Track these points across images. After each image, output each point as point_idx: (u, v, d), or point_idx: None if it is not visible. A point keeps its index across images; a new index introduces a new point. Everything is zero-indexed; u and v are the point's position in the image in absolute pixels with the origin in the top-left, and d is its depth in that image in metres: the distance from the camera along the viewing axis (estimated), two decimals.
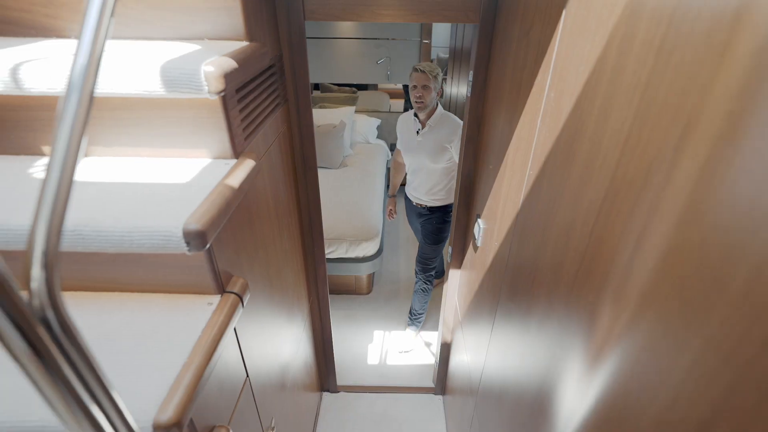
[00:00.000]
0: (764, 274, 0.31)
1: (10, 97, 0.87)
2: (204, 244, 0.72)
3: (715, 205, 0.36)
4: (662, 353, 0.43)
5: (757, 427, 0.31)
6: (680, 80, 0.42)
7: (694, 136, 0.39)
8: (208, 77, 0.76)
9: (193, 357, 0.73)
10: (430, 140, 2.11)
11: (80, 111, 0.42)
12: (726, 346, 0.35)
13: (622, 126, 0.53)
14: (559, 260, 0.73)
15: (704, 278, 0.37)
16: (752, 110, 0.33)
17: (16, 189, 0.81)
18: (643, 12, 0.50)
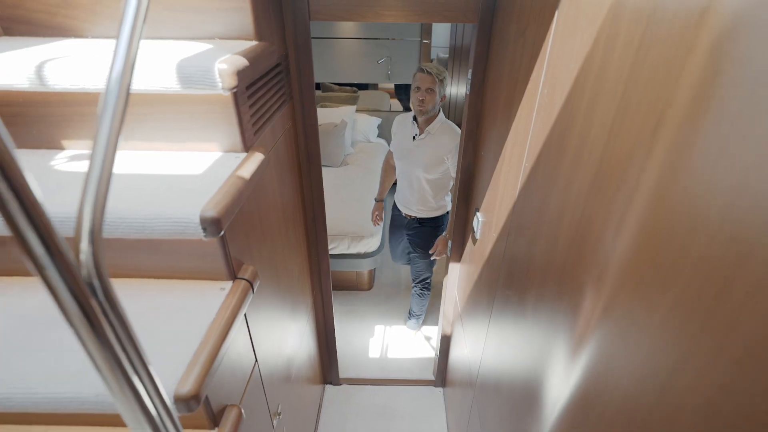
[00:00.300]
0: (717, 240, 0.36)
1: (31, 94, 0.92)
2: (219, 230, 0.77)
3: (681, 182, 0.41)
4: (632, 336, 0.48)
5: (727, 401, 0.36)
6: (656, 74, 0.47)
7: (666, 123, 0.44)
8: (222, 74, 0.81)
9: (209, 337, 0.78)
10: (427, 149, 1.97)
11: (118, 110, 0.47)
12: (685, 310, 0.39)
13: (607, 117, 0.58)
14: (552, 247, 0.78)
15: (673, 249, 0.42)
16: (709, 99, 0.37)
17: (40, 181, 0.86)
18: (624, 13, 0.55)
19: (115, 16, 1.01)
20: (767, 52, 0.32)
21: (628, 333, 0.50)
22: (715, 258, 0.36)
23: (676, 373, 0.41)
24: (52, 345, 0.76)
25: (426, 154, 1.96)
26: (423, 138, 1.96)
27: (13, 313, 0.82)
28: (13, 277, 0.91)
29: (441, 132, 1.95)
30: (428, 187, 2.06)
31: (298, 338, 1.71)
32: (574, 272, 0.67)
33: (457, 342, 2.02)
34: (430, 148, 1.95)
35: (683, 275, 0.40)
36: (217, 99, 0.91)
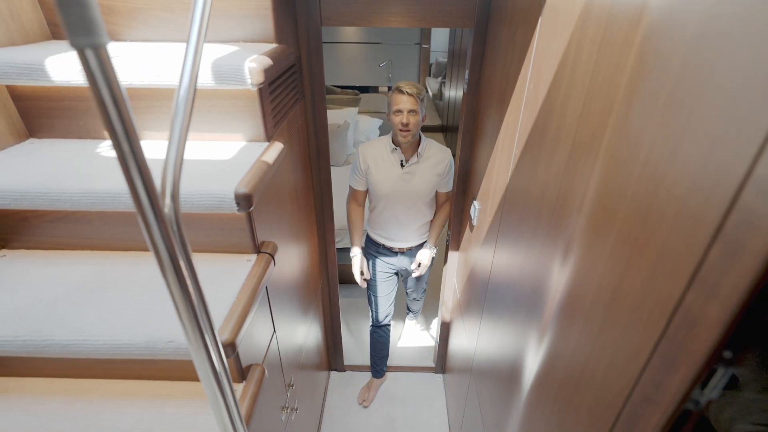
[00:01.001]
0: (640, 188, 0.48)
1: (81, 89, 1.04)
2: (250, 206, 0.89)
3: (620, 151, 0.54)
4: (593, 264, 0.60)
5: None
6: (609, 68, 0.60)
7: (614, 108, 0.57)
8: (251, 72, 0.93)
9: (239, 299, 0.90)
10: (423, 173, 1.79)
11: (187, 106, 0.60)
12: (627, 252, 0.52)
13: (578, 105, 0.71)
14: (536, 220, 0.90)
15: (615, 197, 0.55)
16: (640, 85, 0.50)
17: (92, 165, 0.98)
18: (590, 19, 0.68)
19: (149, 23, 1.14)
20: (675, 47, 0.44)
21: (591, 263, 0.62)
22: (638, 200, 0.49)
23: (621, 287, 0.53)
24: (105, 305, 0.88)
25: (423, 180, 1.80)
26: (415, 163, 1.78)
27: (68, 280, 0.94)
28: (64, 251, 1.03)
29: (432, 152, 1.81)
30: (426, 209, 1.92)
31: (307, 324, 1.82)
32: (555, 234, 0.79)
33: (456, 329, 2.13)
34: (427, 172, 1.79)
35: (621, 214, 0.52)
36: (245, 94, 1.04)
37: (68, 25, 0.37)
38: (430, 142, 1.84)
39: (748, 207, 0.33)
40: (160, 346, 0.81)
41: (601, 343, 0.56)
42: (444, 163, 1.82)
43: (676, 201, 0.42)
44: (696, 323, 0.38)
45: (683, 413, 0.42)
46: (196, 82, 0.61)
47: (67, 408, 0.91)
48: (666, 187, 0.44)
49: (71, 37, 0.38)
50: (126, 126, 0.43)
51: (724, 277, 0.35)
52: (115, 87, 0.41)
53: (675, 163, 0.42)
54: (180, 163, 0.58)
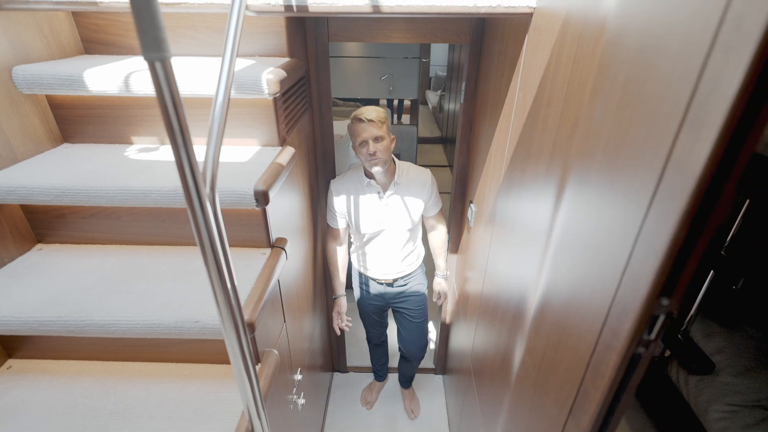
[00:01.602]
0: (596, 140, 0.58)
1: (111, 98, 1.15)
2: (267, 202, 0.99)
3: (588, 143, 0.64)
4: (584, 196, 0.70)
5: None
6: (582, 77, 0.70)
7: (583, 108, 0.67)
8: (269, 83, 1.04)
9: (257, 285, 0.99)
10: (405, 199, 1.67)
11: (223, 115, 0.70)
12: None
13: (558, 109, 0.81)
14: (526, 217, 1.00)
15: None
16: (599, 91, 0.60)
17: (122, 167, 1.08)
18: (566, 37, 0.78)
19: (174, 39, 1.25)
20: (622, 61, 0.55)
21: (582, 196, 0.72)
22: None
23: (588, 277, 0.63)
24: (136, 291, 0.97)
25: (405, 210, 1.67)
26: (393, 192, 1.66)
27: (101, 270, 1.04)
28: (95, 245, 1.13)
29: (411, 177, 1.67)
30: (411, 236, 1.80)
31: (312, 323, 1.91)
32: (539, 234, 0.89)
33: (455, 331, 2.21)
34: (409, 200, 1.67)
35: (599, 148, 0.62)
36: (261, 103, 1.14)
37: (143, 43, 0.48)
38: (406, 166, 1.70)
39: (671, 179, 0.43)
40: (187, 326, 0.90)
41: (572, 317, 0.66)
42: (425, 187, 1.68)
43: (630, 186, 0.52)
44: (639, 277, 0.47)
45: (634, 356, 0.51)
46: (230, 90, 0.71)
47: (99, 385, 1.00)
48: (618, 168, 0.54)
49: (145, 52, 0.49)
50: (181, 123, 0.53)
51: (656, 237, 0.45)
52: (175, 92, 0.51)
53: (625, 149, 0.52)
54: (217, 158, 0.68)
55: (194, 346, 1.06)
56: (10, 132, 1.03)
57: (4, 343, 1.04)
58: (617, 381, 0.54)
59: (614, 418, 0.57)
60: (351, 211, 1.71)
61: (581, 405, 0.62)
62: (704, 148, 0.38)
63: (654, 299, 0.47)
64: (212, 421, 0.93)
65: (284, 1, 0.98)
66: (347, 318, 1.96)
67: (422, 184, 1.69)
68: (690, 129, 0.40)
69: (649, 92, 0.47)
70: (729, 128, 0.36)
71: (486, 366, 1.45)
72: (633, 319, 0.49)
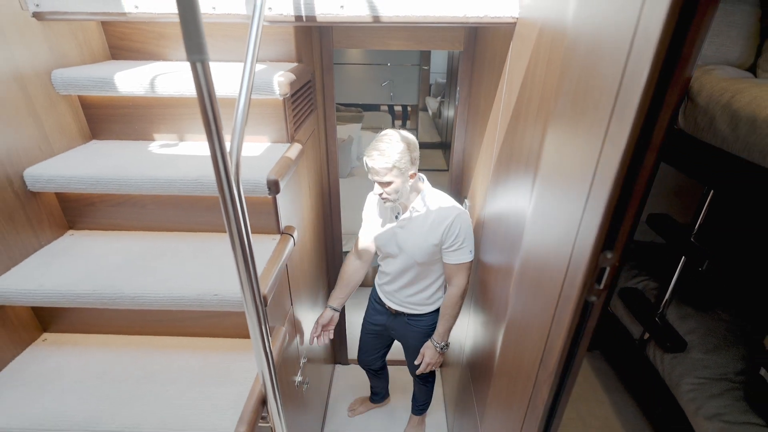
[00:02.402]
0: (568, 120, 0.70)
1: (136, 98, 1.27)
2: (278, 191, 1.11)
3: (555, 131, 0.75)
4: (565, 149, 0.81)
5: None
6: (553, 77, 0.82)
7: (552, 102, 0.79)
8: (280, 84, 1.16)
9: (269, 266, 1.10)
10: (413, 231, 1.54)
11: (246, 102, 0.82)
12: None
13: (535, 106, 0.93)
14: (506, 208, 1.11)
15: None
16: (562, 88, 0.72)
17: (147, 160, 1.20)
18: (542, 44, 0.90)
19: None
20: (575, 61, 0.66)
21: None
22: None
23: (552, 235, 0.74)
24: (161, 269, 1.09)
25: (414, 240, 1.54)
26: (407, 218, 1.55)
27: (128, 252, 1.15)
28: (121, 231, 1.25)
29: (430, 209, 1.52)
30: (428, 277, 1.65)
31: (315, 314, 2.01)
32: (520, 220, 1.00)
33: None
34: (418, 231, 1.53)
35: (562, 171, 0.74)
36: (272, 103, 1.26)
37: (188, 47, 0.60)
38: (437, 197, 1.54)
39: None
40: (207, 299, 1.01)
41: (542, 278, 0.77)
42: (443, 226, 1.48)
43: (582, 164, 0.63)
44: (587, 236, 0.59)
45: (587, 303, 0.63)
46: (251, 90, 0.83)
47: (126, 356, 1.11)
48: (574, 152, 0.65)
49: (189, 54, 0.61)
50: (215, 114, 0.65)
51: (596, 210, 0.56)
52: (211, 88, 0.63)
53: (578, 136, 0.64)
54: (240, 148, 0.80)
55: (212, 320, 1.17)
56: (48, 129, 1.15)
57: (39, 318, 1.15)
58: (574, 326, 0.65)
59: (575, 362, 0.69)
60: (371, 222, 1.69)
61: (549, 353, 0.73)
62: (627, 126, 0.49)
63: (598, 253, 0.58)
64: (229, 384, 1.04)
65: (295, 12, 1.11)
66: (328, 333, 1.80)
67: (441, 221, 1.49)
68: (618, 114, 0.52)
69: (594, 88, 0.59)
70: (642, 112, 0.48)
71: (477, 352, 1.55)
72: (584, 271, 0.60)
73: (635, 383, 2.25)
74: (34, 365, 1.07)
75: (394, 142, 1.39)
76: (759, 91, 1.05)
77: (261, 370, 0.94)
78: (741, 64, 1.43)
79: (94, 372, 1.06)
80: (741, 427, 1.46)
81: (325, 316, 1.77)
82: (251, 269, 0.81)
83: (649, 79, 0.46)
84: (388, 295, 1.77)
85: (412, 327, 1.77)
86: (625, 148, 0.50)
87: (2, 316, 1.03)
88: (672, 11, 0.43)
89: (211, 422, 0.95)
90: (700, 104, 1.18)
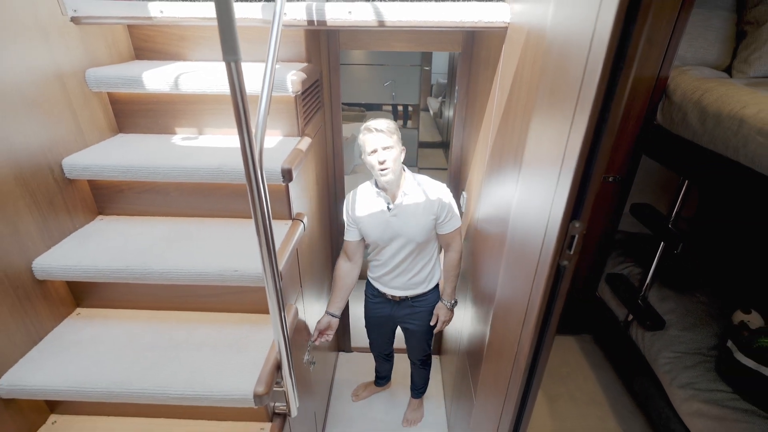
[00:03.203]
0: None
1: (159, 95, 1.39)
2: (291, 178, 1.22)
3: (534, 122, 0.86)
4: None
5: None
6: (536, 74, 0.93)
7: (533, 96, 0.90)
8: (293, 83, 1.28)
9: (282, 247, 1.21)
10: (413, 213, 1.63)
11: (268, 98, 0.93)
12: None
13: (522, 102, 1.04)
14: (506, 187, 1.22)
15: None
16: (540, 83, 0.83)
17: (172, 151, 1.32)
18: (529, 45, 1.02)
19: (210, 47, 1.49)
20: (550, 59, 0.77)
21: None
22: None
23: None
24: (185, 249, 1.20)
25: (413, 222, 1.63)
26: (401, 202, 1.63)
27: (154, 234, 1.27)
28: (146, 217, 1.36)
29: (422, 189, 1.64)
30: (424, 255, 1.75)
31: (321, 303, 2.12)
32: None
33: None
34: (417, 212, 1.63)
35: (540, 155, 0.85)
36: (284, 99, 1.38)
37: (224, 48, 0.72)
38: (419, 178, 1.68)
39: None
40: (228, 274, 1.13)
41: (524, 248, 0.88)
42: (437, 202, 1.62)
43: (555, 146, 0.74)
44: (559, 207, 0.70)
45: (559, 267, 0.74)
46: (272, 86, 0.94)
47: (153, 328, 1.23)
48: (549, 137, 0.76)
49: (224, 55, 0.72)
50: (245, 107, 0.76)
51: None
52: (242, 84, 0.75)
53: (551, 125, 0.75)
54: (263, 139, 0.91)
55: (230, 297, 1.28)
56: (82, 122, 1.27)
57: (74, 293, 1.27)
58: (549, 287, 0.76)
59: (552, 319, 0.80)
60: (362, 220, 1.69)
61: (529, 316, 0.84)
62: (586, 115, 0.61)
63: (567, 222, 0.69)
64: (248, 351, 1.15)
65: (307, 17, 1.22)
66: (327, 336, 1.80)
67: (434, 198, 1.62)
68: (581, 104, 0.63)
69: (563, 83, 0.70)
70: (598, 101, 0.59)
71: (473, 337, 1.66)
72: (556, 238, 0.71)
73: (620, 361, 2.45)
74: (71, 335, 1.18)
75: (388, 119, 1.59)
76: (725, 89, 1.16)
77: (277, 338, 1.05)
78: (718, 66, 1.54)
79: (125, 341, 1.18)
80: (709, 393, 1.61)
81: (323, 322, 1.79)
82: (271, 247, 0.93)
83: (602, 74, 0.57)
84: (388, 285, 1.84)
85: (417, 308, 1.87)
86: (585, 133, 0.62)
87: (44, 290, 1.15)
88: (618, 18, 0.54)
89: (232, 384, 1.07)
90: (675, 101, 1.29)
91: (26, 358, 1.09)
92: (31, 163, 1.08)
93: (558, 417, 2.25)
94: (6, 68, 1.00)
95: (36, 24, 1.10)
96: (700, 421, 1.60)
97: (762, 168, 1.11)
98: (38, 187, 1.11)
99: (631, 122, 1.73)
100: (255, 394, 1.04)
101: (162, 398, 1.05)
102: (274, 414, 1.23)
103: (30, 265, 1.09)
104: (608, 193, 2.07)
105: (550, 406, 2.31)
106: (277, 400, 1.23)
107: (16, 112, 1.03)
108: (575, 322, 2.73)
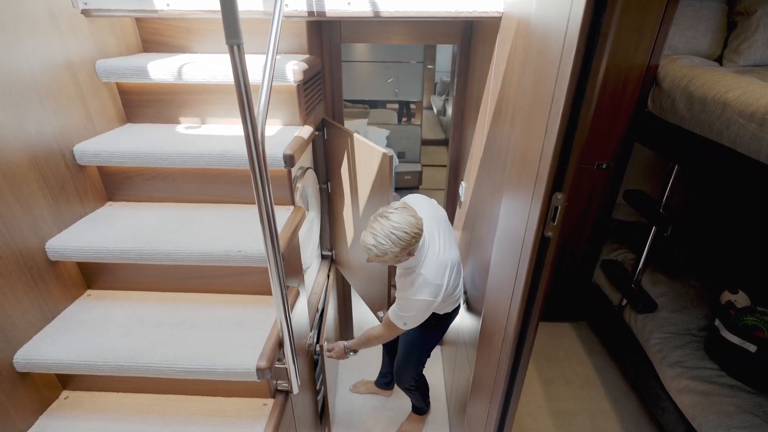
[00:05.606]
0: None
1: (165, 86, 1.44)
2: (293, 164, 1.27)
3: (518, 103, 0.90)
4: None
5: None
6: (524, 58, 0.97)
7: (519, 78, 0.94)
8: (294, 72, 1.32)
9: (285, 230, 1.26)
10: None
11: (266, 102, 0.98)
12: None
13: (513, 87, 1.08)
14: (501, 172, 1.27)
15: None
16: (526, 65, 0.87)
17: (177, 139, 1.37)
18: (519, 31, 1.06)
19: (215, 40, 1.54)
20: (533, 42, 0.81)
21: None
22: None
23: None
24: (190, 231, 1.25)
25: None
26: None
27: (161, 219, 1.32)
28: (153, 203, 1.41)
29: (407, 278, 1.52)
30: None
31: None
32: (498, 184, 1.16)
33: None
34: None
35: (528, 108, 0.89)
36: (286, 89, 1.43)
37: (227, 32, 0.76)
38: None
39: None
40: (233, 254, 1.17)
41: (511, 225, 0.92)
42: (403, 278, 1.54)
43: (539, 120, 0.78)
44: (542, 180, 0.74)
45: (544, 238, 0.78)
46: (272, 76, 0.99)
47: (160, 307, 1.28)
48: (533, 112, 0.80)
49: (227, 38, 0.77)
50: (247, 90, 0.81)
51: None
52: (244, 67, 0.79)
53: (536, 101, 0.79)
54: (264, 124, 0.95)
55: (234, 278, 1.33)
56: (93, 111, 1.32)
57: (85, 275, 1.32)
58: (534, 258, 0.80)
59: (539, 288, 0.84)
60: None
61: (517, 287, 0.88)
62: (564, 89, 0.65)
63: (550, 193, 0.73)
64: (251, 330, 1.20)
65: (308, 8, 1.27)
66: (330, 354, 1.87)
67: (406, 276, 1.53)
68: (559, 80, 0.67)
69: (545, 63, 0.74)
70: (574, 77, 0.63)
71: (472, 326, 1.70)
72: (540, 210, 0.75)
73: (614, 345, 2.52)
74: (83, 314, 1.23)
75: (384, 243, 1.35)
76: (711, 75, 1.20)
77: (279, 317, 1.10)
78: (709, 55, 1.57)
79: (134, 319, 1.23)
80: (697, 370, 1.66)
81: (337, 350, 1.81)
82: (273, 227, 0.97)
83: (576, 53, 0.62)
84: None
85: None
86: (563, 106, 0.66)
87: (57, 271, 1.20)
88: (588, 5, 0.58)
89: (236, 358, 1.12)
90: (665, 89, 1.33)
91: (40, 335, 1.15)
92: (44, 149, 1.14)
93: (553, 399, 2.32)
94: (22, 60, 1.06)
95: (49, 17, 1.15)
96: (688, 397, 1.67)
97: (743, 149, 1.15)
98: (51, 172, 1.16)
99: (623, 110, 1.77)
100: (258, 368, 1.08)
101: (169, 372, 1.10)
102: (277, 391, 1.28)
103: (43, 246, 1.15)
104: (601, 181, 2.10)
105: (546, 389, 2.36)
106: (280, 378, 1.28)
107: (30, 101, 1.08)
108: (572, 310, 2.79)
